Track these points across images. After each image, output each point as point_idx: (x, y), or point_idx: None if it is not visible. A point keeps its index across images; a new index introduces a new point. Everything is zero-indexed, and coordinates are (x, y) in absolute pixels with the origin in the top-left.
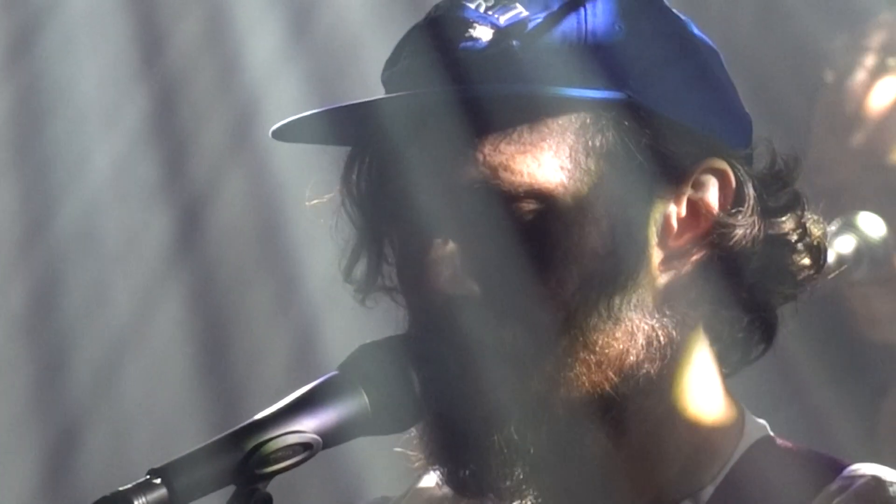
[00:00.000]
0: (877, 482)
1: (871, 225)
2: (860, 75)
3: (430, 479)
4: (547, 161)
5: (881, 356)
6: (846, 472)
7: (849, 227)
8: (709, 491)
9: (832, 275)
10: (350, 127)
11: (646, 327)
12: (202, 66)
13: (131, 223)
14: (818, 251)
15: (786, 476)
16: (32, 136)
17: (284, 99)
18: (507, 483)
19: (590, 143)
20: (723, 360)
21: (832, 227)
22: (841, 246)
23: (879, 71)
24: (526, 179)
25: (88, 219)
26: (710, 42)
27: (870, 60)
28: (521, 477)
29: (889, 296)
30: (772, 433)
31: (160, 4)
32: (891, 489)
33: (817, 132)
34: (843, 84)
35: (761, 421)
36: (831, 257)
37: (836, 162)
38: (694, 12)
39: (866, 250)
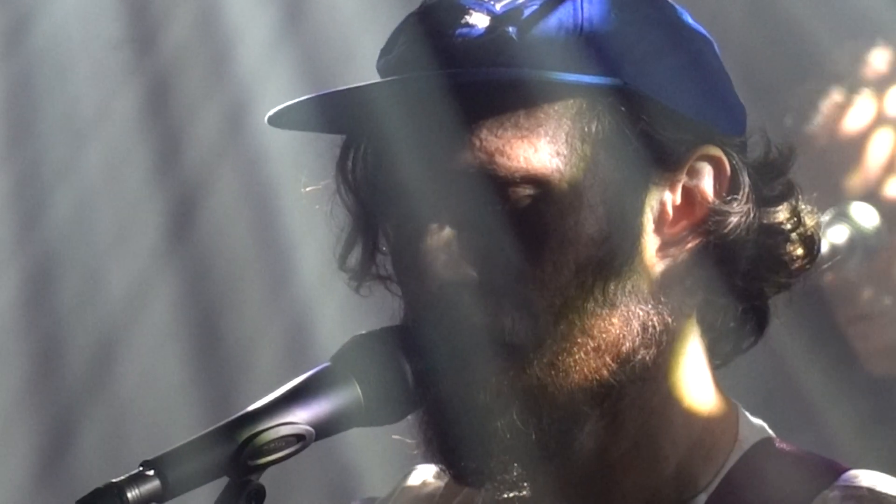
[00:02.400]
0: (872, 495)
1: (865, 215)
2: (823, 115)
3: (417, 477)
4: (543, 147)
5: (888, 384)
6: (843, 478)
7: (842, 216)
8: (702, 499)
9: (826, 265)
10: (345, 114)
11: (641, 313)
12: (194, 59)
13: (124, 215)
14: (812, 241)
15: (782, 481)
16: (25, 129)
17: (276, 91)
18: (507, 474)
19: (586, 128)
20: (714, 350)
21: (825, 217)
22: (834, 236)
23: (843, 105)
24: (522, 165)
25: (81, 211)
26: (704, 31)
27: (835, 96)
28: (521, 467)
29: (884, 330)
30: (772, 433)
31: None
32: (885, 502)
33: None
34: (806, 125)
35: (758, 421)
36: (825, 247)
37: None
38: (684, 4)
39: (860, 240)
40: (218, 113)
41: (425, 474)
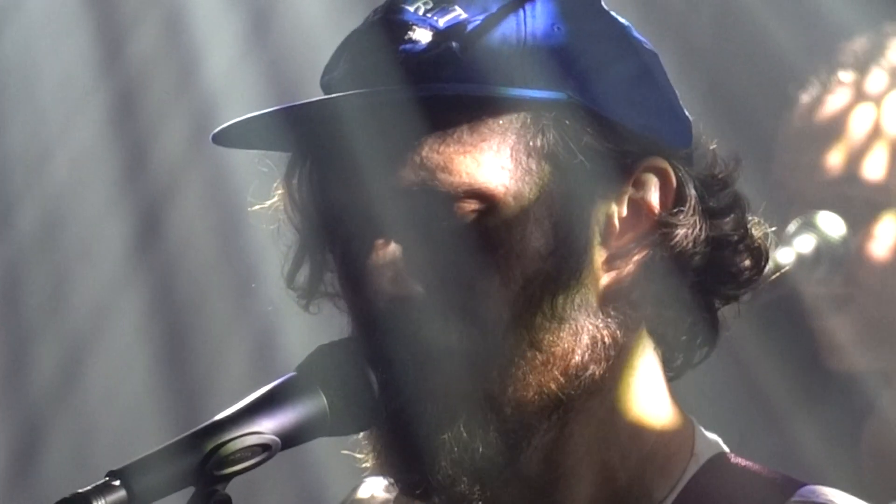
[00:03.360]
0: None
1: (831, 224)
2: (832, 95)
3: (367, 490)
4: (487, 161)
5: (853, 385)
6: (799, 493)
7: (808, 226)
8: None
9: (785, 272)
10: (290, 130)
11: (590, 327)
12: (162, 67)
13: (92, 222)
14: (759, 252)
15: (739, 496)
16: None
17: (244, 99)
18: (456, 487)
19: (531, 143)
20: (667, 363)
21: (792, 227)
22: (801, 245)
23: (854, 91)
24: (465, 180)
25: (49, 218)
26: (650, 45)
27: (843, 80)
28: (470, 480)
29: (847, 324)
30: (726, 449)
31: (120, 5)
32: None
33: (786, 147)
34: (814, 102)
35: (713, 436)
36: (789, 257)
37: (801, 177)
38: (652, 14)
39: (826, 250)
40: (184, 123)
41: (374, 487)
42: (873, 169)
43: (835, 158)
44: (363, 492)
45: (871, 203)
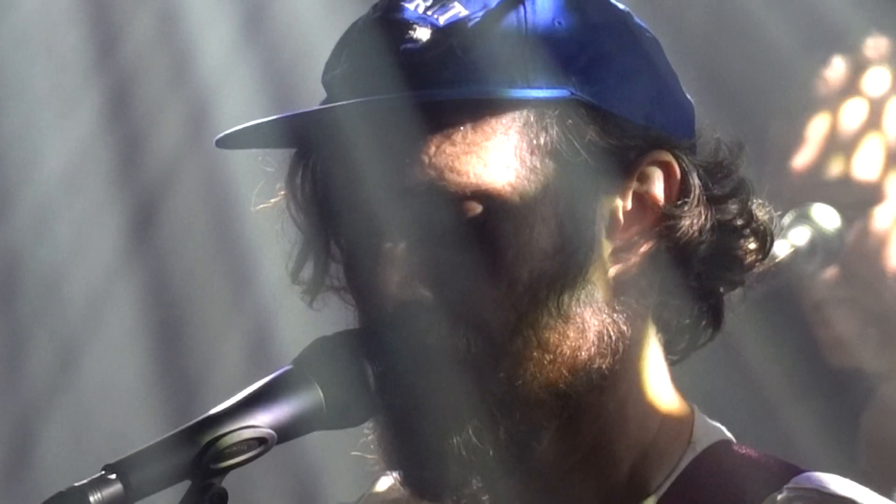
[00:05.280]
0: (821, 496)
1: (826, 216)
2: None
3: (386, 483)
4: (493, 161)
5: (849, 378)
6: (794, 480)
7: (803, 218)
8: (651, 501)
9: (781, 263)
10: (293, 130)
11: (596, 323)
12: (156, 63)
13: (86, 218)
14: (764, 234)
15: (734, 483)
16: None
17: (238, 95)
18: (467, 487)
19: (534, 141)
20: (669, 348)
21: (787, 219)
22: (795, 237)
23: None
24: (472, 180)
25: (43, 214)
26: (651, 31)
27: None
28: (480, 480)
29: (848, 318)
30: (729, 436)
31: (113, 1)
32: (833, 502)
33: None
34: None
35: (716, 424)
36: (784, 248)
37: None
38: (646, 7)
39: (821, 241)
40: (178, 118)
41: (392, 480)
42: (867, 168)
43: (829, 160)
44: (381, 485)
45: (866, 202)
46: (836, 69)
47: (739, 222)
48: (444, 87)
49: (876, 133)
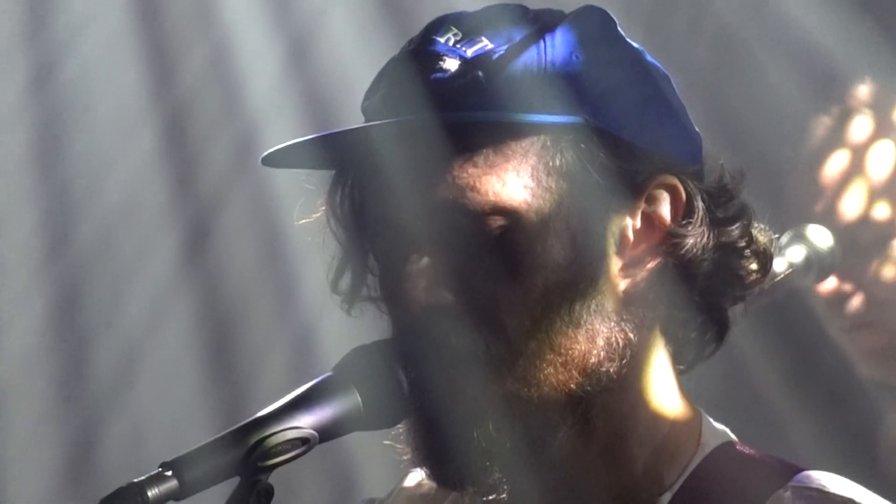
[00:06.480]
0: (821, 494)
1: (820, 236)
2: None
3: (414, 478)
4: (511, 181)
5: (873, 388)
6: (796, 478)
7: (799, 238)
8: (667, 497)
9: (780, 279)
10: (332, 152)
11: (605, 330)
12: (209, 93)
13: (145, 234)
14: (764, 256)
15: (741, 481)
16: (54, 157)
17: (284, 121)
18: (487, 478)
19: (550, 163)
20: (678, 358)
21: (784, 239)
22: (792, 255)
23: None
24: (491, 198)
25: (105, 233)
26: (662, 68)
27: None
28: (500, 472)
29: (873, 338)
30: (734, 438)
31: (170, 37)
32: (834, 501)
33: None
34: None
35: (721, 427)
36: (783, 266)
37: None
38: (655, 42)
39: (815, 259)
40: (230, 143)
41: (421, 475)
42: (883, 209)
43: (848, 202)
44: (410, 480)
45: (884, 237)
46: (840, 118)
47: (741, 244)
48: (468, 112)
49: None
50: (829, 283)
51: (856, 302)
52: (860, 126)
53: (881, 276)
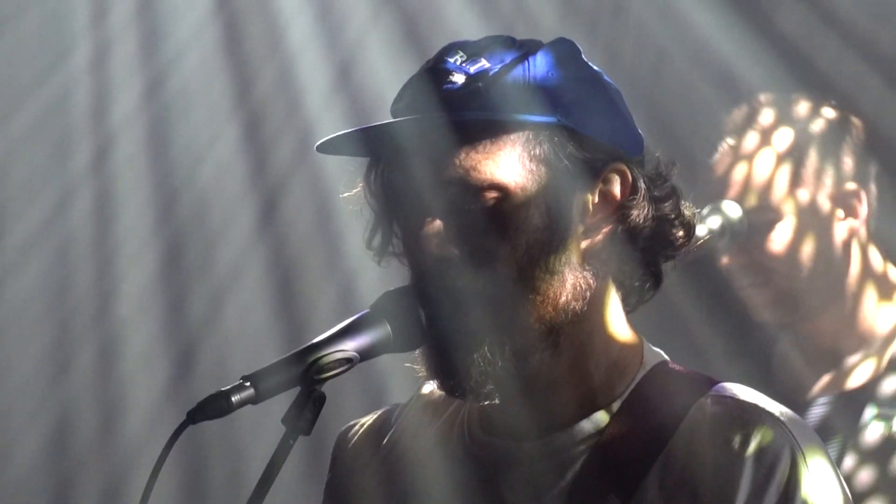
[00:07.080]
0: (735, 401)
1: (732, 209)
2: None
3: (428, 388)
4: (503, 164)
5: (766, 327)
6: (715, 389)
7: (716, 210)
8: (617, 404)
9: (701, 242)
10: (368, 143)
11: (572, 278)
12: (277, 101)
13: (228, 209)
14: (689, 226)
15: (673, 391)
16: (162, 149)
17: (334, 123)
18: (483, 388)
19: (532, 152)
20: (625, 300)
21: (705, 211)
22: (711, 223)
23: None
24: (488, 177)
25: (199, 206)
26: (615, 84)
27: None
28: (493, 384)
29: (764, 295)
30: (667, 358)
31: (248, 58)
32: (747, 411)
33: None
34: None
35: (658, 350)
36: (703, 231)
37: None
38: (609, 62)
39: (728, 226)
40: (292, 140)
41: (433, 387)
42: (772, 198)
43: (747, 194)
44: (426, 388)
45: (773, 220)
46: (747, 117)
47: (672, 216)
48: (471, 112)
49: (783, 164)
50: (733, 255)
51: (751, 269)
52: (753, 136)
53: (769, 250)
